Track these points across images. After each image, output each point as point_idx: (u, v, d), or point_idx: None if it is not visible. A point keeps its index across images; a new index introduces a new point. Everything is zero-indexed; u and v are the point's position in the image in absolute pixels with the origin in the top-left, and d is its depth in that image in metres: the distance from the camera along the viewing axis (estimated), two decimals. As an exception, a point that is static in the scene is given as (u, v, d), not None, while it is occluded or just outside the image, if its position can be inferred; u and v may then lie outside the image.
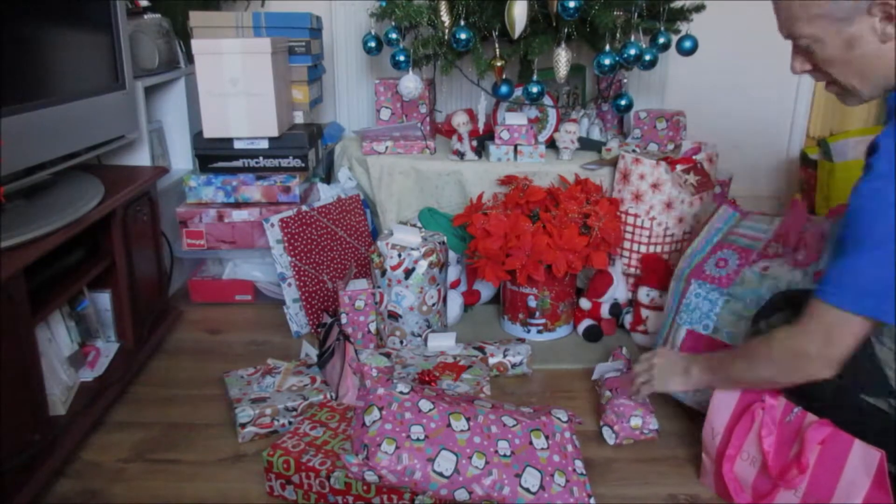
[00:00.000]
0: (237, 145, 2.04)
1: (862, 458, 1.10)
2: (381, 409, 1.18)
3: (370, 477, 1.14)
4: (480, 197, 1.96)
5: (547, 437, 1.24)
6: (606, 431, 1.47)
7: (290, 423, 1.49)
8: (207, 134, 2.00)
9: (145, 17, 2.05)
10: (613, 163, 1.99)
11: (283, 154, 2.06)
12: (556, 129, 2.14)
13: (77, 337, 1.56)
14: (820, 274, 1.30)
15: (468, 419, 1.20)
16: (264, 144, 2.04)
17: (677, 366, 1.35)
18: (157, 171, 1.82)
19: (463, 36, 1.92)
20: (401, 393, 1.21)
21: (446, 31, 1.96)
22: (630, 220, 1.91)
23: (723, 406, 1.28)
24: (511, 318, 1.93)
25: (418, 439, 1.15)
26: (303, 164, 2.08)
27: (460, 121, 2.07)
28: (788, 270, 1.43)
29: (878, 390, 1.12)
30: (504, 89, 2.06)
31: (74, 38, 1.56)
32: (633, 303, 1.92)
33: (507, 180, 1.99)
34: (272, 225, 1.88)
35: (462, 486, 1.14)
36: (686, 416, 1.54)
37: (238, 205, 2.05)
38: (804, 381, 1.12)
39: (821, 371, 1.09)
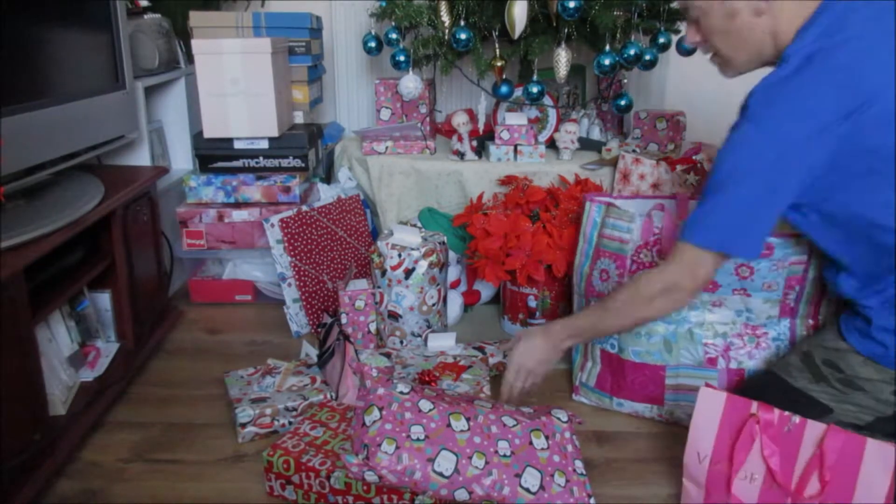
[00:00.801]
0: (237, 145, 2.04)
1: (878, 457, 1.07)
2: (381, 409, 1.18)
3: (370, 477, 1.14)
4: (480, 197, 1.96)
5: (547, 438, 1.24)
6: None
7: (290, 423, 1.49)
8: (207, 134, 2.00)
9: (145, 17, 2.05)
10: (613, 163, 1.99)
11: (283, 154, 2.06)
12: (556, 129, 2.14)
13: (77, 337, 1.56)
14: None
15: (468, 419, 1.20)
16: (264, 144, 2.04)
17: (536, 345, 1.41)
18: (157, 171, 1.82)
19: (463, 36, 1.92)
20: (401, 393, 1.21)
21: (446, 31, 1.96)
22: (630, 220, 1.92)
23: (706, 427, 1.21)
24: (511, 318, 1.93)
25: (418, 439, 1.15)
26: (303, 164, 2.08)
27: (460, 121, 2.07)
28: None
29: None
30: (504, 89, 2.06)
31: (74, 38, 1.56)
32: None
33: (507, 180, 1.99)
34: (272, 225, 1.88)
35: (462, 486, 1.14)
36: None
37: (238, 205, 2.05)
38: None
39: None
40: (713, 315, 1.45)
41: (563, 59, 1.96)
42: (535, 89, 2.02)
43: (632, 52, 1.96)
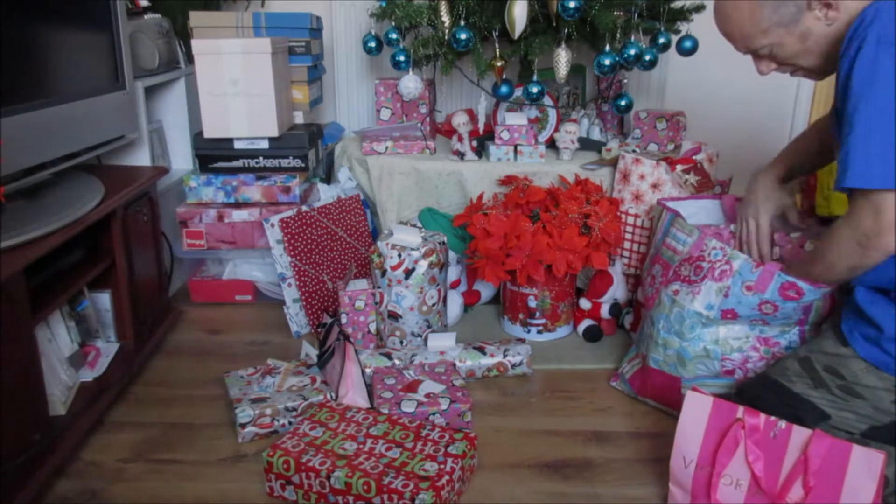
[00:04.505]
0: (237, 145, 2.04)
1: (864, 463, 1.07)
2: None
3: None
4: (480, 197, 1.96)
5: None
6: None
7: (290, 423, 1.49)
8: (207, 134, 2.00)
9: (145, 17, 2.05)
10: (613, 163, 1.99)
11: (283, 154, 2.06)
12: (556, 129, 2.14)
13: (77, 337, 1.56)
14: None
15: None
16: (264, 144, 2.04)
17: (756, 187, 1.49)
18: (157, 171, 1.82)
19: (463, 36, 1.92)
20: None
21: (446, 31, 1.96)
22: (630, 220, 1.92)
23: (692, 431, 1.21)
24: (511, 318, 1.93)
25: None
26: (303, 164, 2.08)
27: (460, 121, 2.07)
28: (690, 300, 1.42)
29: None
30: (504, 89, 2.06)
31: (74, 38, 1.56)
32: (633, 303, 1.92)
33: (507, 180, 1.99)
34: (272, 225, 1.88)
35: None
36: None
37: (238, 205, 2.05)
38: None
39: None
40: (727, 330, 1.42)
41: (563, 59, 1.96)
42: (535, 89, 2.02)
43: (632, 52, 1.96)
